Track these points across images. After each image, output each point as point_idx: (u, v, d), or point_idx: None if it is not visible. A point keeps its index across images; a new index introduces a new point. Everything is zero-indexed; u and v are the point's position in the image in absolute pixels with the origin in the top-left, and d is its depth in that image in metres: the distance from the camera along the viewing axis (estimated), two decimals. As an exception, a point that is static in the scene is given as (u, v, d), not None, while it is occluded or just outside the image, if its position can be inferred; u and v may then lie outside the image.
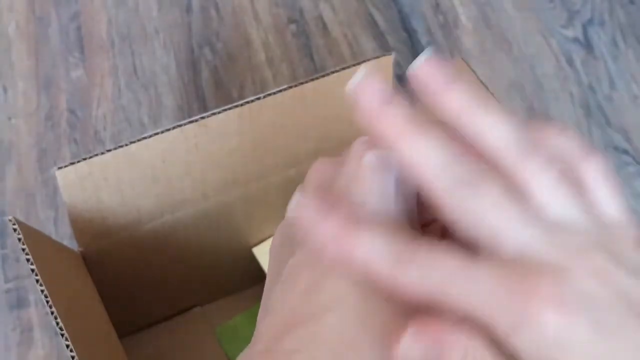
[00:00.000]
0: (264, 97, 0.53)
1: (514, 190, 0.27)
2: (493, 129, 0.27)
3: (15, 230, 0.45)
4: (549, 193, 0.27)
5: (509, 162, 0.27)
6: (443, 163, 0.27)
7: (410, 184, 0.30)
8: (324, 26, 0.87)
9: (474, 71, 0.56)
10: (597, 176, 0.28)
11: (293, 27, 0.87)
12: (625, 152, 0.79)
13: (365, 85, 0.29)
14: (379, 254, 0.27)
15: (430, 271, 0.26)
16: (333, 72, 0.55)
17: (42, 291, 0.43)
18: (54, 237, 0.65)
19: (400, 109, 0.28)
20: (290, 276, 0.31)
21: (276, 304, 0.31)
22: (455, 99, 0.28)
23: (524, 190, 0.27)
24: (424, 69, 0.28)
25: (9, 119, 0.80)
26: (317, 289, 0.29)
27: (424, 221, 0.32)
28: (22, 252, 0.45)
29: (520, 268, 0.25)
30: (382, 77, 0.29)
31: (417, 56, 0.28)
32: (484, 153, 0.27)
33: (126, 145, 0.51)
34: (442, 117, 0.28)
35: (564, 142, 0.29)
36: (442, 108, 0.28)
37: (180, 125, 0.52)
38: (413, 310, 0.28)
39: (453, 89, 0.28)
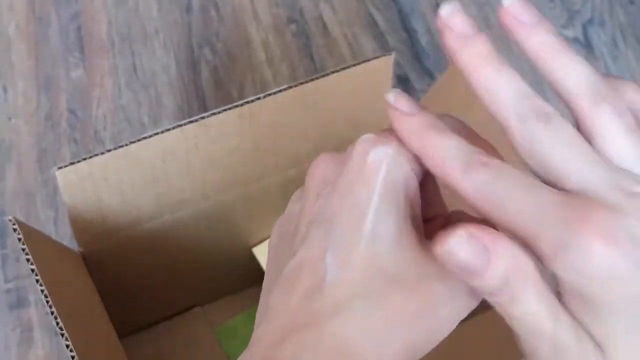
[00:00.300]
0: (264, 97, 0.53)
1: (585, 130, 0.28)
2: (572, 69, 0.29)
3: (15, 230, 0.45)
4: (619, 139, 0.27)
5: (583, 104, 0.28)
6: (520, 94, 0.28)
7: (413, 184, 0.30)
8: (324, 26, 0.87)
9: (474, 71, 0.56)
10: None
11: (293, 27, 0.87)
12: (625, 152, 0.79)
13: (455, 17, 0.30)
14: (456, 152, 0.28)
15: (496, 179, 0.27)
16: (333, 72, 0.55)
17: (42, 291, 0.43)
18: (54, 237, 0.65)
19: (485, 42, 0.30)
20: (290, 278, 0.30)
21: (275, 306, 0.30)
22: (541, 36, 0.29)
23: (595, 132, 0.28)
24: (516, 5, 0.30)
25: (9, 119, 0.80)
26: (320, 293, 0.29)
27: (426, 217, 0.32)
28: (22, 252, 0.45)
29: (579, 200, 0.26)
30: (465, 14, 0.30)
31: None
32: (559, 92, 0.29)
33: (126, 145, 0.51)
34: (526, 52, 0.30)
35: (638, 98, 0.29)
36: (527, 43, 0.30)
37: (180, 125, 0.52)
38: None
39: (540, 28, 0.29)
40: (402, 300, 0.28)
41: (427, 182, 0.32)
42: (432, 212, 0.32)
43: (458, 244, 0.26)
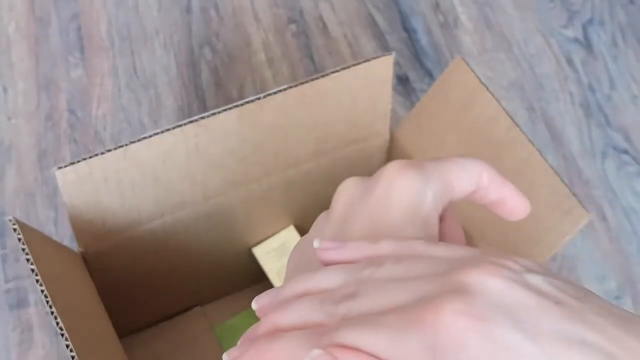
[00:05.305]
0: (264, 97, 0.53)
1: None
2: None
3: (15, 230, 0.45)
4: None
5: None
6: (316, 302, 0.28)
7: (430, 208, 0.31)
8: (324, 26, 0.87)
9: (473, 71, 0.55)
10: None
11: (293, 27, 0.87)
12: (625, 152, 0.79)
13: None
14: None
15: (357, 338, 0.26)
16: (333, 72, 0.55)
17: (42, 291, 0.43)
18: (54, 237, 0.65)
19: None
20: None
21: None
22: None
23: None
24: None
25: (9, 119, 0.80)
26: None
27: None
28: (22, 252, 0.45)
29: (417, 305, 0.25)
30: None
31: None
32: None
33: (126, 145, 0.51)
34: None
35: None
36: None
37: (180, 125, 0.52)
38: None
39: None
40: None
41: (447, 219, 0.33)
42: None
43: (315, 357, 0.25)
